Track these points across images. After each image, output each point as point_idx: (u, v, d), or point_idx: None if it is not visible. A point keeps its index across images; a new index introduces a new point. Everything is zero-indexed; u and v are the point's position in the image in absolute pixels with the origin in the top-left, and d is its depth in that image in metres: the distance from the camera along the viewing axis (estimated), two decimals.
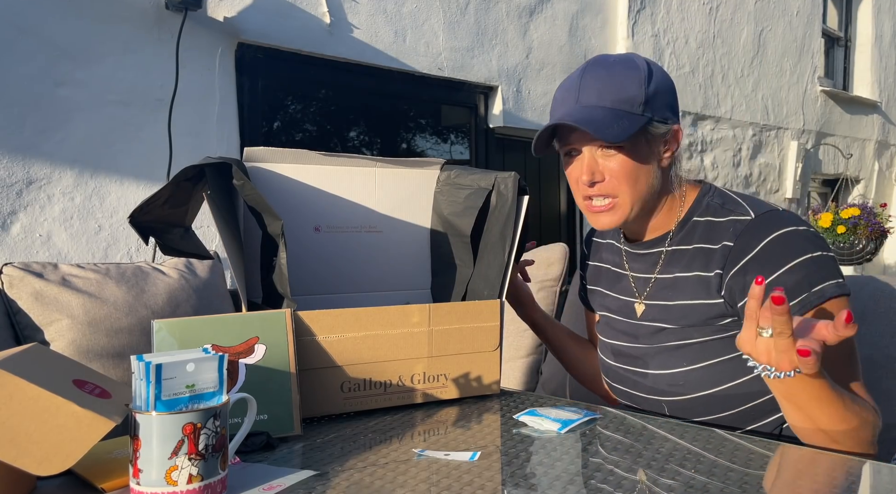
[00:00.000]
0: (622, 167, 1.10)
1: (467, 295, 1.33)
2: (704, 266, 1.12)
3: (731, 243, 1.09)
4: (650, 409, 1.19)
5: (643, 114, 1.08)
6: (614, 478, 0.82)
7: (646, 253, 1.21)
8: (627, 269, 1.25)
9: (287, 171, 1.26)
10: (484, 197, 1.31)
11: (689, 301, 1.12)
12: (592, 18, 4.33)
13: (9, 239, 2.34)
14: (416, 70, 3.46)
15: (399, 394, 1.13)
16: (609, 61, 1.12)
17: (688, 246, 1.15)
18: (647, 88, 1.08)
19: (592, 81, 1.10)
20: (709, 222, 1.14)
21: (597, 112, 1.07)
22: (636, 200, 1.12)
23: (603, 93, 1.08)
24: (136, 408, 0.75)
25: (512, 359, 1.96)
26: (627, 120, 1.07)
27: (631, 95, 1.08)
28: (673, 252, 1.17)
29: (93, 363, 1.46)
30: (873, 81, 6.80)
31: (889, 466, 0.85)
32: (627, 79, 1.09)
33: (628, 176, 1.10)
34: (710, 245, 1.12)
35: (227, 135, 2.86)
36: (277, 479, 0.83)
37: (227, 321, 0.98)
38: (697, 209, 1.17)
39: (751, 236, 1.07)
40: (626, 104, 1.08)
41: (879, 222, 4.62)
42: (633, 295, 1.23)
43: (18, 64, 2.35)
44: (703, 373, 1.11)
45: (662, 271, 1.18)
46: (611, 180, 1.11)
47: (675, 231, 1.17)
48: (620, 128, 1.05)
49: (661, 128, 1.11)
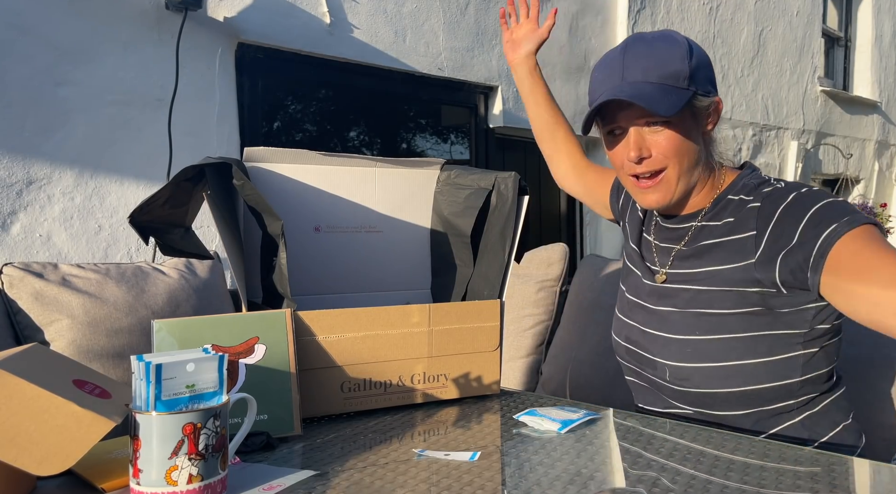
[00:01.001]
0: (670, 142, 1.10)
1: (467, 295, 1.33)
2: (730, 232, 1.11)
3: (759, 204, 1.09)
4: (651, 372, 1.17)
5: (689, 88, 1.08)
6: (614, 478, 0.82)
7: (675, 227, 1.20)
8: (653, 237, 1.24)
9: (287, 171, 1.26)
10: (484, 197, 1.31)
11: (715, 267, 1.11)
12: (592, 18, 4.33)
13: (9, 239, 2.34)
14: (416, 70, 3.46)
15: (399, 394, 1.13)
16: (649, 38, 1.12)
17: (718, 222, 1.15)
18: (690, 62, 1.09)
19: (636, 57, 1.10)
20: (741, 199, 1.14)
21: (645, 88, 1.08)
22: (683, 173, 1.12)
23: (648, 69, 1.08)
24: (136, 408, 0.75)
25: (512, 359, 1.96)
26: (675, 95, 1.07)
27: (676, 70, 1.08)
28: (702, 228, 1.17)
29: (93, 363, 1.46)
30: (873, 81, 6.80)
31: (889, 466, 0.85)
32: (670, 54, 1.09)
33: (677, 150, 1.11)
34: (737, 217, 1.12)
35: (227, 135, 2.86)
36: (277, 479, 0.83)
37: (227, 321, 0.98)
38: (733, 189, 1.16)
39: (775, 199, 1.08)
40: (672, 79, 1.08)
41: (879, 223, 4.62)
42: (654, 263, 1.22)
43: (18, 64, 2.35)
44: (714, 346, 1.09)
45: (688, 244, 1.17)
46: (658, 155, 1.11)
47: (709, 209, 1.17)
48: (670, 102, 1.06)
49: (705, 101, 1.11)
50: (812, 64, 6.07)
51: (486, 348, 1.19)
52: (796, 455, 0.89)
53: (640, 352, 1.19)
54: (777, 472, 0.84)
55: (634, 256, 1.28)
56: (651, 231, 1.25)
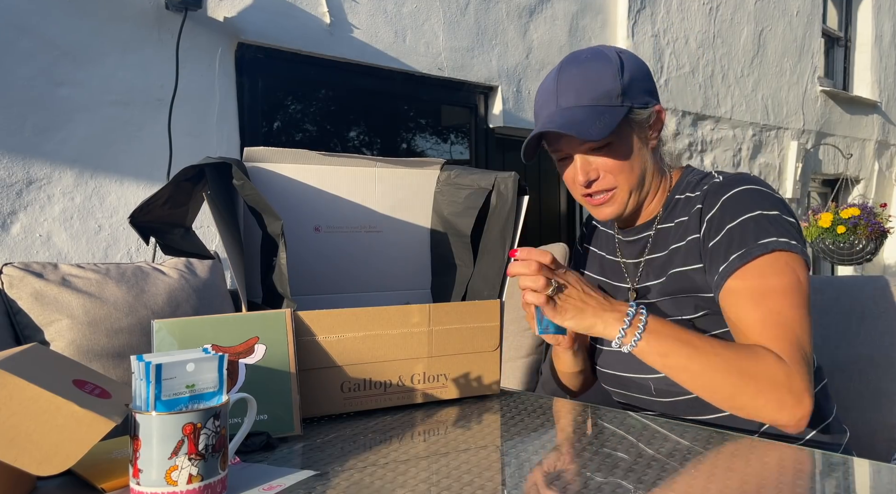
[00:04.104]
0: (615, 161, 1.13)
1: (467, 295, 1.33)
2: (682, 236, 1.14)
3: (700, 205, 1.12)
4: (638, 392, 1.19)
5: (623, 104, 1.10)
6: (615, 478, 0.82)
7: (635, 239, 1.23)
8: (619, 256, 1.27)
9: (287, 171, 1.26)
10: (484, 197, 1.31)
11: (678, 269, 1.14)
12: (592, 18, 4.33)
13: (9, 239, 2.34)
14: (416, 70, 3.46)
15: (399, 394, 1.13)
16: (581, 58, 1.14)
17: (671, 223, 1.18)
18: (622, 78, 1.10)
19: (568, 80, 1.12)
20: (686, 197, 1.17)
21: (577, 113, 1.10)
22: (633, 188, 1.15)
23: (581, 91, 1.11)
24: (136, 408, 0.75)
25: (512, 359, 1.96)
26: (609, 114, 1.09)
27: (608, 89, 1.10)
28: (658, 233, 1.20)
29: (93, 363, 1.46)
30: (873, 81, 6.79)
31: (889, 466, 0.85)
32: (601, 73, 1.11)
33: (623, 168, 1.13)
34: (685, 217, 1.15)
35: (227, 135, 2.86)
36: (277, 479, 0.83)
37: (227, 321, 0.98)
38: (678, 189, 1.20)
39: (713, 195, 1.11)
40: (605, 98, 1.10)
41: (879, 222, 4.62)
42: (625, 281, 1.24)
43: (18, 64, 2.35)
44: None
45: (650, 253, 1.20)
46: (606, 176, 1.14)
47: (661, 213, 1.20)
48: (603, 123, 1.08)
49: (643, 113, 1.13)
50: (812, 64, 6.07)
51: (485, 348, 1.19)
52: (796, 455, 0.89)
53: (621, 374, 1.21)
54: (778, 472, 0.84)
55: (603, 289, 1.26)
56: (616, 252, 1.28)
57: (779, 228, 1.05)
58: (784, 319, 1.00)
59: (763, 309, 1.01)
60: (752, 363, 0.97)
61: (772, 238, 1.03)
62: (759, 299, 1.02)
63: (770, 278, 1.02)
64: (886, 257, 6.77)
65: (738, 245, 1.05)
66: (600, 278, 1.31)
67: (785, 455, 0.90)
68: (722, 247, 1.07)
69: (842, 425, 1.19)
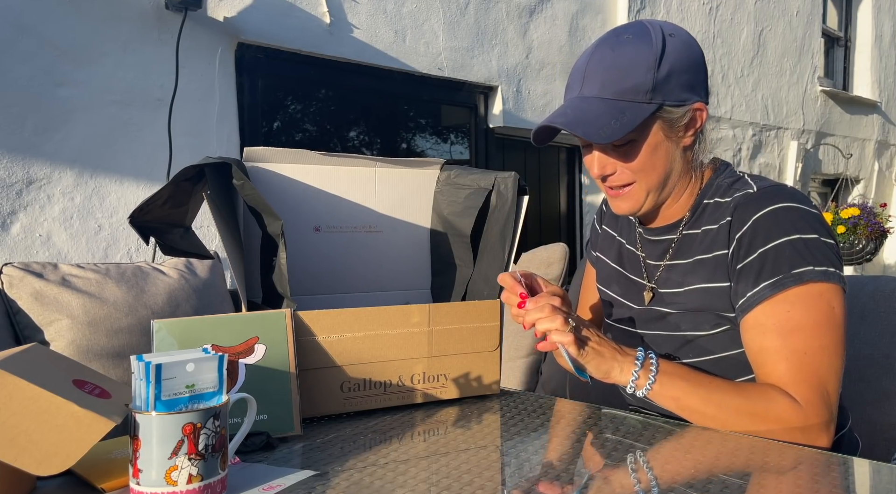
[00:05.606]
0: (635, 158, 1.05)
1: (467, 295, 1.33)
2: (709, 248, 1.08)
3: (730, 218, 1.05)
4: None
5: (651, 101, 1.01)
6: (615, 478, 0.82)
7: (658, 240, 1.16)
8: (640, 250, 1.20)
9: (287, 171, 1.26)
10: (484, 197, 1.31)
11: (702, 285, 1.08)
12: (592, 18, 4.33)
13: (9, 239, 2.34)
14: (416, 70, 3.46)
15: (399, 394, 1.13)
16: (620, 39, 1.03)
17: (697, 230, 1.11)
18: (658, 71, 1.00)
19: (598, 65, 1.03)
20: (716, 202, 1.09)
21: (595, 107, 1.01)
22: (652, 188, 1.08)
23: (606, 82, 1.02)
24: (136, 408, 0.75)
25: (512, 359, 1.96)
26: (631, 113, 1.00)
27: (637, 83, 1.00)
28: (683, 239, 1.13)
29: (93, 363, 1.46)
30: (873, 81, 6.80)
31: (889, 466, 0.84)
32: (636, 62, 1.01)
33: (643, 167, 1.06)
34: (713, 226, 1.08)
35: (227, 135, 2.86)
36: (277, 479, 0.83)
37: (227, 321, 0.98)
38: (708, 192, 1.11)
39: (745, 210, 1.03)
40: (631, 93, 1.01)
41: (879, 222, 4.62)
42: (642, 277, 1.18)
43: (18, 64, 2.35)
44: (702, 367, 1.09)
45: (673, 259, 1.13)
46: (623, 171, 1.07)
47: (688, 217, 1.12)
48: (620, 124, 1.00)
49: (676, 112, 1.04)
50: (812, 64, 6.07)
51: (485, 348, 1.19)
52: (797, 455, 0.89)
53: None
54: (778, 471, 0.84)
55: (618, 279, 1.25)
56: (637, 244, 1.22)
57: (816, 253, 0.98)
58: (808, 360, 0.96)
59: (787, 349, 0.97)
60: (765, 407, 0.96)
61: (808, 267, 0.97)
62: (786, 336, 0.97)
63: (799, 313, 0.97)
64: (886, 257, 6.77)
65: (769, 273, 0.99)
66: (618, 268, 1.25)
67: (785, 454, 0.89)
68: (753, 271, 1.00)
69: (853, 435, 1.16)
